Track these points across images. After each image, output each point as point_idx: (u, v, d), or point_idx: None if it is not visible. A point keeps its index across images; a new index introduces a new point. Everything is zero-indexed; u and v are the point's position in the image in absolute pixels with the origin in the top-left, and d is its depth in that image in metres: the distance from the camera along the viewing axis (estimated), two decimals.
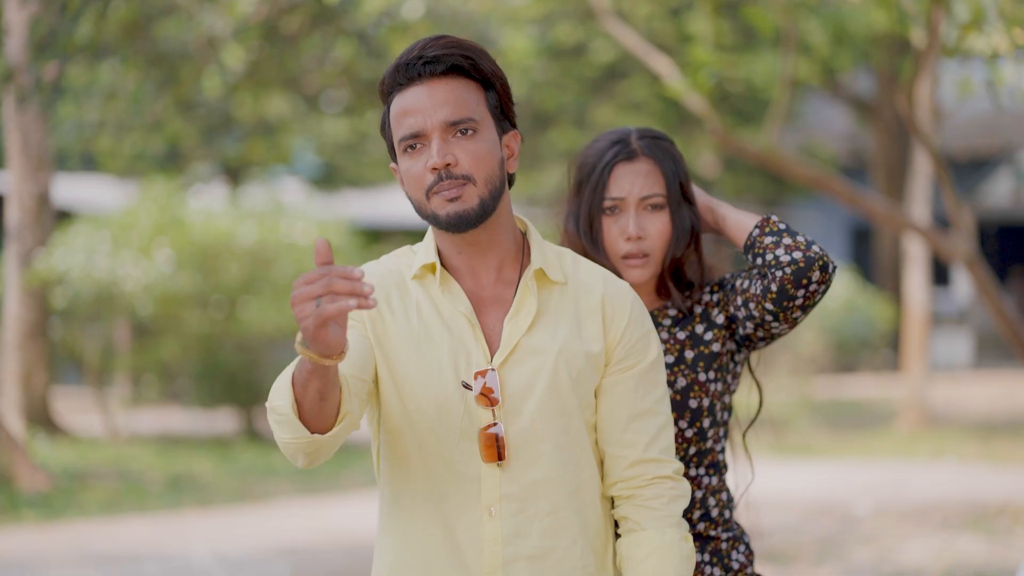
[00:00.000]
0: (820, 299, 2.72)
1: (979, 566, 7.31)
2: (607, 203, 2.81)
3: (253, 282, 12.79)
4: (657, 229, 2.81)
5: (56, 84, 9.88)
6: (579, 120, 18.52)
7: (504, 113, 2.45)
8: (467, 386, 2.39)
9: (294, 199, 15.45)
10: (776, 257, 2.70)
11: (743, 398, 2.98)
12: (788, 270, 2.68)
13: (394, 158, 2.46)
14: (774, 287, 2.69)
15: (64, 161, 19.45)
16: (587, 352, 2.44)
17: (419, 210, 2.42)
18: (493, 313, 2.45)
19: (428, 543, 2.42)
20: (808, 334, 15.94)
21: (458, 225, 2.38)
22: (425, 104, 2.37)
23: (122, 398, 15.70)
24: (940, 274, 22.18)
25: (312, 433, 2.24)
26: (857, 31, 14.57)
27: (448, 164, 2.36)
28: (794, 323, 2.73)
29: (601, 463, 2.49)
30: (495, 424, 2.38)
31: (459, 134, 2.38)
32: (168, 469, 11.12)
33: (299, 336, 2.14)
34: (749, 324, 2.77)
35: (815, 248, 2.69)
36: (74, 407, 15.12)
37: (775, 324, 2.74)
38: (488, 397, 2.39)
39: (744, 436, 2.97)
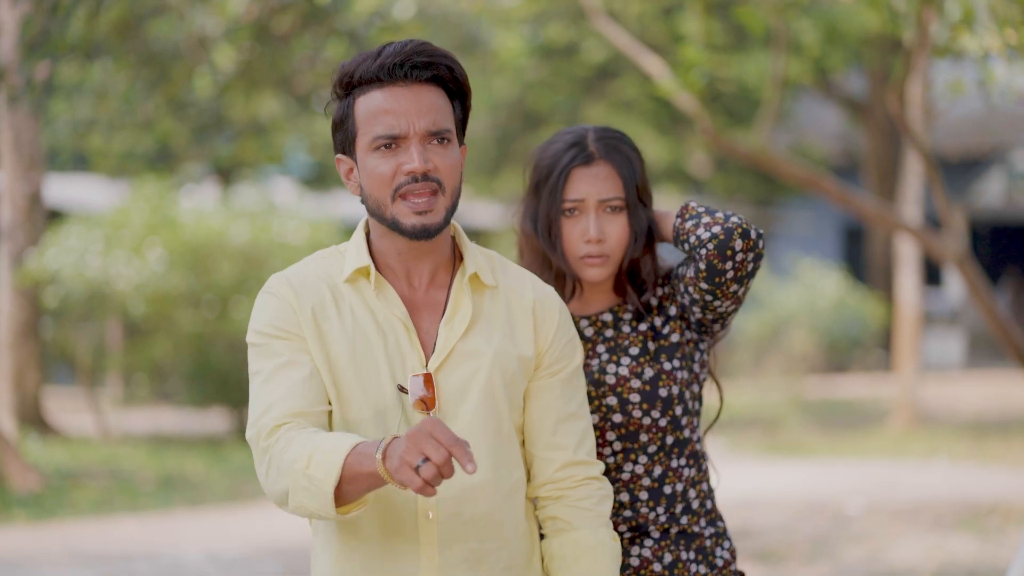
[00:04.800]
0: (754, 268, 2.73)
1: (970, 565, 7.32)
2: (567, 205, 2.82)
3: (245, 282, 12.77)
4: (617, 231, 2.82)
5: (47, 83, 9.87)
6: (571, 120, 18.51)
7: (463, 127, 2.48)
8: (403, 389, 2.39)
9: (286, 199, 15.44)
10: (698, 237, 2.73)
11: (707, 400, 2.99)
12: (711, 246, 2.71)
13: (344, 151, 2.45)
14: (702, 266, 2.72)
15: (55, 160, 19.42)
16: (519, 356, 2.48)
17: (376, 210, 2.41)
18: (427, 317, 2.46)
19: (367, 549, 2.41)
20: (800, 333, 15.97)
21: (421, 235, 2.39)
22: (409, 108, 2.38)
23: (114, 398, 15.69)
24: (932, 274, 22.21)
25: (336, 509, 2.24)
26: (849, 31, 14.59)
27: (427, 171, 2.37)
28: (735, 298, 2.75)
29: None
30: None
31: (436, 142, 2.40)
32: (160, 469, 11.10)
33: (383, 453, 2.15)
34: (696, 309, 2.80)
35: (733, 219, 2.71)
36: (66, 407, 15.09)
37: (717, 303, 2.76)
38: (424, 401, 2.39)
39: (704, 436, 2.98)
